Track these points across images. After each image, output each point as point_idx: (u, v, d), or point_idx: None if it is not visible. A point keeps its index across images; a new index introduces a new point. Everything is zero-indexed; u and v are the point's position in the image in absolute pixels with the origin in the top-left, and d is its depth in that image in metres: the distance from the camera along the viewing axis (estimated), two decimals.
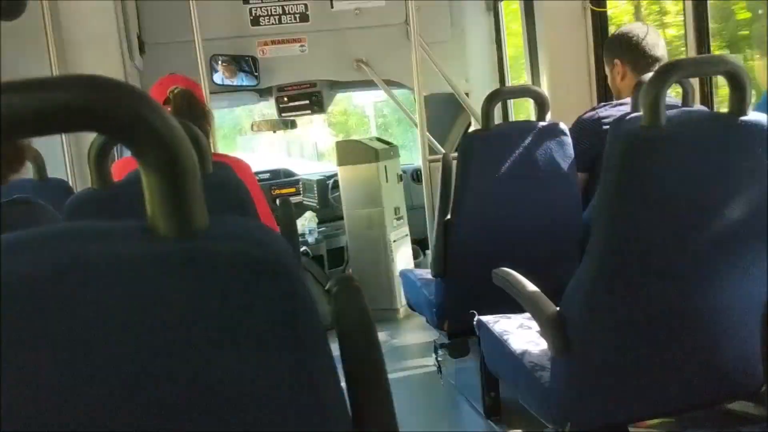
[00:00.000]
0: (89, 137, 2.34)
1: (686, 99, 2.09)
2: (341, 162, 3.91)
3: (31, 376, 0.43)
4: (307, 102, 4.24)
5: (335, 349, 0.53)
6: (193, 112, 2.01)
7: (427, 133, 3.40)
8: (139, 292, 0.44)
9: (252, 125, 4.46)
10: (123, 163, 2.04)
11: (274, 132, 4.42)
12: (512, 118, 3.99)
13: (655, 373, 1.39)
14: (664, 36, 2.45)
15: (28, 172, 2.17)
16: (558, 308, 1.41)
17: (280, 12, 4.04)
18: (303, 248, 3.97)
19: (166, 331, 0.45)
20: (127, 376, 0.44)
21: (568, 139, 2.20)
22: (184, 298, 0.45)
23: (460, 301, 2.28)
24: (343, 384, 0.54)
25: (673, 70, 1.29)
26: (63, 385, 0.44)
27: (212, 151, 2.03)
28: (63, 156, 2.87)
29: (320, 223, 4.21)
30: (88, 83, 0.44)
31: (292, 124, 4.31)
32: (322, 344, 0.50)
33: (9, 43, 2.91)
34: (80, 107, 0.43)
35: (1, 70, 2.87)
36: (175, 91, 2.03)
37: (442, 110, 4.39)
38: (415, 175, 4.49)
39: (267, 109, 4.78)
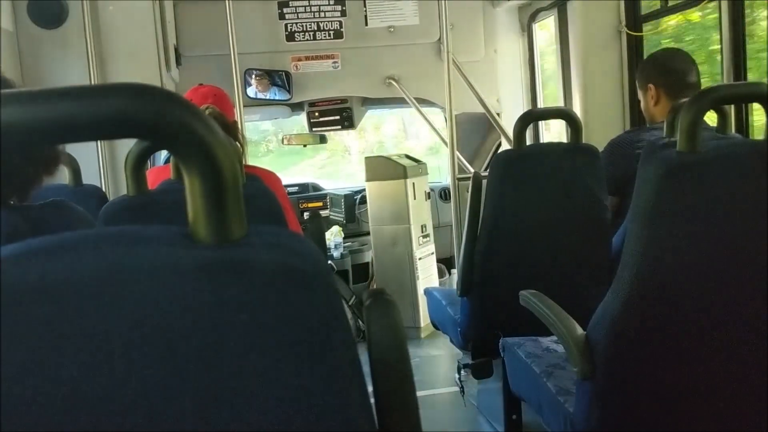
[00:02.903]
0: (123, 146, 2.39)
1: (722, 125, 2.06)
2: (369, 177, 3.92)
3: (67, 377, 0.44)
4: (338, 117, 4.27)
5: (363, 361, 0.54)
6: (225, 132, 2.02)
7: (457, 152, 3.40)
8: (177, 297, 0.45)
9: (282, 139, 4.51)
10: (157, 171, 2.07)
11: (305, 146, 4.46)
12: (543, 139, 3.98)
13: (682, 400, 1.36)
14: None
15: (63, 177, 2.21)
16: (585, 332, 1.39)
17: (315, 28, 4.09)
18: (328, 262, 3.97)
19: (202, 336, 0.45)
20: (162, 378, 0.45)
21: (600, 162, 2.18)
22: (222, 303, 0.46)
23: (485, 322, 2.26)
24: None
25: (710, 96, 1.28)
26: (99, 386, 0.44)
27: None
28: (98, 163, 2.92)
29: (346, 237, 4.22)
30: (137, 91, 0.45)
31: (323, 139, 4.35)
32: (353, 356, 0.50)
33: (51, 51, 2.98)
34: (129, 115, 0.45)
35: (43, 76, 2.95)
36: (206, 112, 2.04)
37: (473, 129, 4.39)
38: (443, 194, 4.49)
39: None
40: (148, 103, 0.45)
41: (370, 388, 0.54)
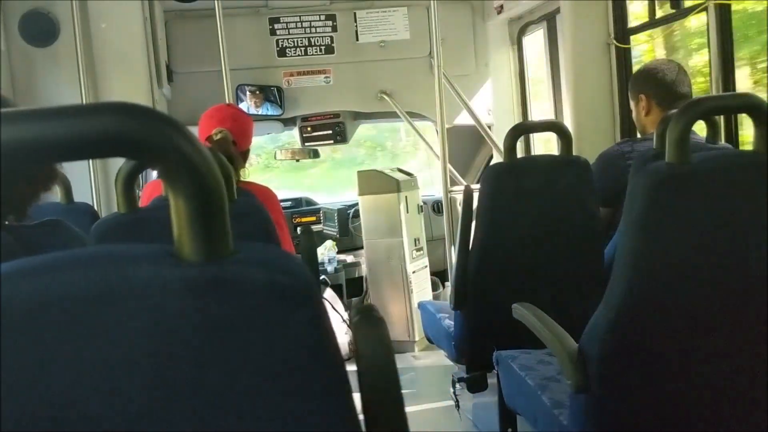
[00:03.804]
0: (115, 163, 2.39)
1: (712, 136, 2.07)
2: (362, 191, 3.93)
3: (54, 398, 0.44)
4: (330, 132, 4.28)
5: (353, 378, 0.53)
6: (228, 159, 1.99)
7: (449, 165, 3.41)
8: (163, 316, 0.45)
9: (275, 153, 4.52)
10: (152, 186, 2.06)
11: (297, 161, 4.47)
12: (534, 151, 4.00)
13: (677, 412, 1.36)
14: None
15: (55, 195, 2.20)
16: (578, 345, 1.39)
17: (306, 44, 4.11)
18: (322, 277, 3.97)
19: (190, 355, 0.45)
20: (150, 398, 0.45)
21: (591, 174, 2.19)
22: (209, 322, 0.45)
23: (479, 335, 2.26)
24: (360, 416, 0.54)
25: (698, 107, 1.28)
26: (86, 407, 0.44)
27: (240, 179, 2.04)
28: (89, 181, 2.92)
29: (340, 251, 4.22)
30: (123, 110, 0.45)
31: (315, 154, 4.36)
32: (341, 373, 0.50)
33: (43, 69, 2.98)
34: (115, 134, 0.45)
35: (36, 94, 2.95)
36: (217, 137, 2.02)
37: (464, 142, 4.41)
38: (436, 207, 4.50)
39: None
40: (135, 122, 0.45)
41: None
